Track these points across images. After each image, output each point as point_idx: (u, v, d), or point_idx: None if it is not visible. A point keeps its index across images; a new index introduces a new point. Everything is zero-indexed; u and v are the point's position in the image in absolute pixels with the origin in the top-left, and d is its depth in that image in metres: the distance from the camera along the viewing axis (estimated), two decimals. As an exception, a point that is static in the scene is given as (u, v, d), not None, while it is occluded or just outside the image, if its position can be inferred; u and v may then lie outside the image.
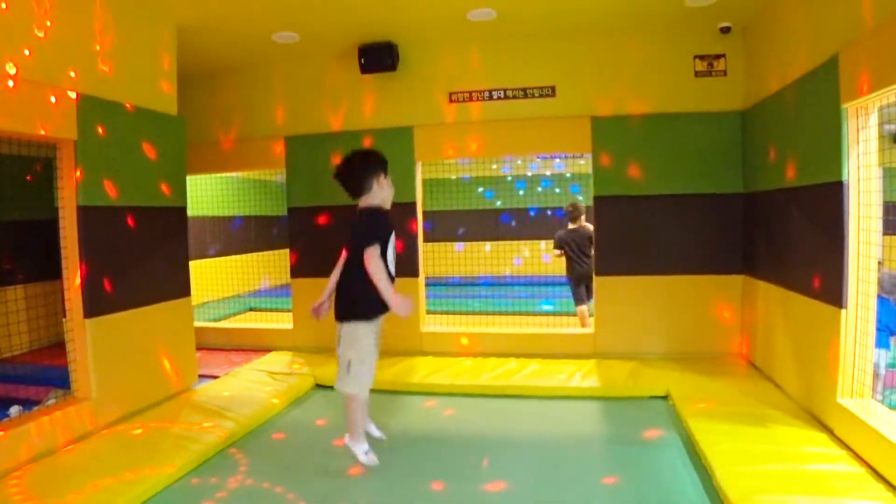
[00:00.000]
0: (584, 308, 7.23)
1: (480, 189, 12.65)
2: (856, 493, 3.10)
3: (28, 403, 4.52)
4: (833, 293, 3.89)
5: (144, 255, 4.95)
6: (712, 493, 3.36)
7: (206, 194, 9.41)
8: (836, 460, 3.48)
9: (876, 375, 4.07)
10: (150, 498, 3.49)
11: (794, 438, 3.81)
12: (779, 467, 3.38)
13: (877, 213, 3.76)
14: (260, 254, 11.12)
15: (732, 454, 3.57)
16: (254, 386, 5.35)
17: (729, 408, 4.40)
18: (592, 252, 6.55)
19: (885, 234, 3.81)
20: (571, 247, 7.24)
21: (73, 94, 4.25)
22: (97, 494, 3.36)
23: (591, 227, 6.63)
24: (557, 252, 7.37)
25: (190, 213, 5.87)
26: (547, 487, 3.58)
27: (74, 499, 3.32)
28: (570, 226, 7.35)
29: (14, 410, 4.35)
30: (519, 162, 11.89)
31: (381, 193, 3.78)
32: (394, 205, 3.95)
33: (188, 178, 5.72)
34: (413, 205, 6.45)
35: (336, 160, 4.20)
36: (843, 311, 3.79)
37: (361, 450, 3.80)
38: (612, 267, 6.10)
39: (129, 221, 4.80)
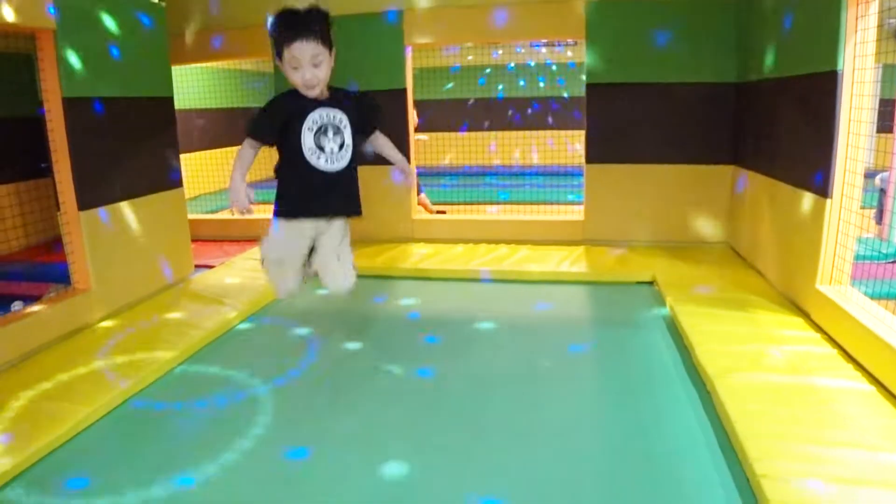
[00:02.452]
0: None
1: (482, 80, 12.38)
2: (825, 371, 3.29)
3: (28, 299, 4.61)
4: (820, 183, 3.95)
5: (134, 147, 4.92)
6: (691, 370, 3.56)
7: (194, 87, 9.23)
8: (811, 342, 3.67)
9: None
10: (152, 382, 3.65)
11: (773, 322, 3.98)
12: (755, 347, 3.56)
13: (869, 104, 3.77)
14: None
15: (712, 335, 3.75)
16: (249, 274, 5.47)
17: (712, 293, 4.57)
18: None
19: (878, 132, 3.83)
20: None
21: (49, -21, 4.09)
22: (103, 378, 3.53)
23: None
24: None
25: (178, 106, 5.78)
26: (528, 357, 3.84)
27: (82, 378, 3.50)
28: None
29: (16, 305, 4.46)
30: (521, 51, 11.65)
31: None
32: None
33: (175, 69, 5.60)
34: (403, 91, 6.37)
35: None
36: (829, 200, 3.87)
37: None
38: (603, 155, 6.12)
39: (116, 112, 4.73)
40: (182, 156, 5.67)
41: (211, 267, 5.86)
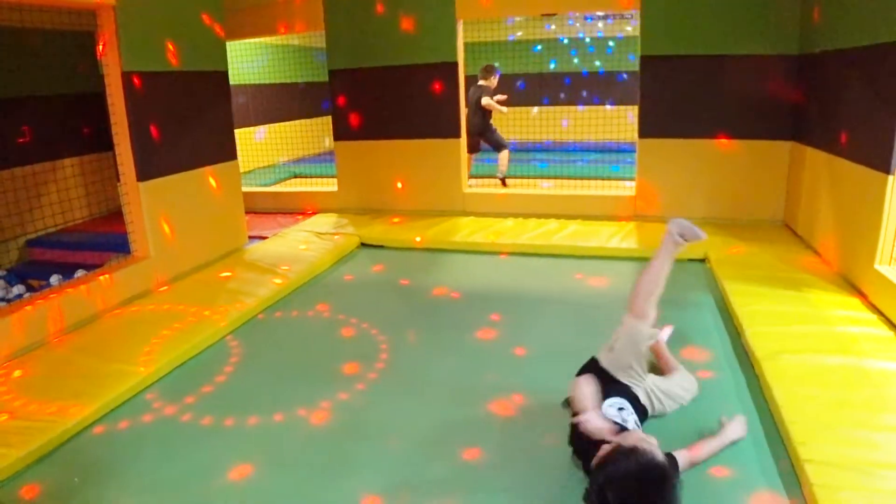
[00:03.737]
0: (469, 156, 7.62)
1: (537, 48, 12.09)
2: (881, 354, 3.19)
3: (91, 267, 4.82)
4: (882, 159, 3.80)
5: (190, 120, 5.06)
6: (740, 352, 3.50)
7: (249, 63, 9.37)
8: (866, 324, 3.55)
9: None
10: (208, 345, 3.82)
11: (827, 302, 3.87)
12: (807, 329, 3.47)
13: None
14: (305, 121, 11.11)
15: (763, 315, 3.67)
16: (302, 245, 5.59)
17: (765, 272, 4.45)
18: (483, 111, 7.60)
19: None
20: (469, 102, 7.55)
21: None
22: (182, 331, 3.71)
23: (490, 86, 7.69)
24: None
25: (233, 81, 5.89)
26: (578, 339, 3.77)
27: (157, 342, 3.69)
28: (480, 82, 7.74)
29: (79, 273, 4.67)
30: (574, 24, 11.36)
31: None
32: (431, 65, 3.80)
33: (229, 45, 5.70)
34: (454, 65, 6.35)
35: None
36: (891, 177, 3.72)
37: None
38: (657, 129, 5.98)
39: (174, 86, 4.86)
40: (238, 130, 5.79)
41: (264, 238, 6.00)
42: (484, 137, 7.80)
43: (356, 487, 2.52)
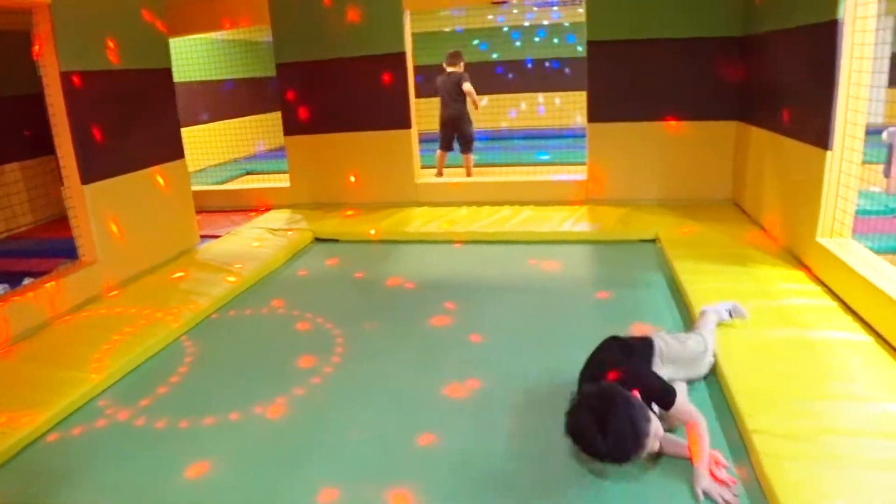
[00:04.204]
0: (443, 155, 7.61)
1: (475, 41, 12.16)
2: (825, 324, 3.29)
3: (38, 275, 4.68)
4: (820, 135, 3.91)
5: (135, 120, 4.95)
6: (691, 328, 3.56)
7: (193, 59, 9.19)
8: (811, 295, 3.67)
9: None
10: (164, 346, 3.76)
11: (773, 277, 3.98)
12: (755, 303, 3.55)
13: (871, 54, 3.70)
14: (253, 117, 10.97)
15: (712, 292, 3.74)
16: (255, 242, 5.53)
17: (714, 250, 4.55)
18: (463, 97, 7.26)
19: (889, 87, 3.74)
20: (443, 90, 7.38)
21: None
22: (135, 334, 3.65)
23: (462, 71, 7.30)
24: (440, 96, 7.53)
25: (178, 78, 5.78)
26: (534, 324, 3.84)
27: (109, 347, 3.61)
28: (448, 69, 7.42)
29: (26, 281, 4.54)
30: (514, 11, 11.39)
31: None
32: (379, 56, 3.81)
33: (173, 41, 5.59)
34: (402, 55, 6.33)
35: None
36: (829, 153, 3.83)
37: None
38: (605, 113, 6.06)
39: (116, 85, 4.75)
40: (185, 129, 5.69)
41: (217, 237, 5.92)
42: (460, 129, 7.47)
43: (314, 479, 2.52)
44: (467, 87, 7.27)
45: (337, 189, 6.77)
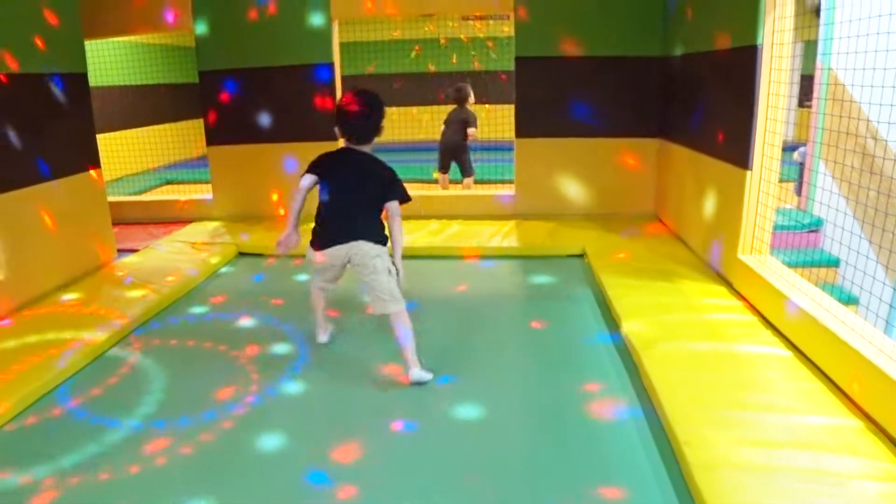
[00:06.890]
0: (444, 175, 7.87)
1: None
2: (746, 338, 3.40)
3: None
4: (740, 155, 4.05)
5: (43, 127, 4.64)
6: (619, 342, 3.63)
7: (112, 62, 8.82)
8: (733, 310, 3.78)
9: None
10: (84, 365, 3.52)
11: (697, 291, 4.09)
12: (680, 317, 3.66)
13: (787, 78, 3.87)
14: (174, 124, 10.61)
15: (638, 307, 3.83)
16: (175, 257, 5.30)
17: (639, 264, 4.66)
18: (468, 132, 7.46)
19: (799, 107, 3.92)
20: (450, 121, 7.66)
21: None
22: (32, 368, 3.37)
23: (471, 112, 7.57)
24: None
25: (94, 82, 5.49)
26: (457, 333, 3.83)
27: (4, 379, 3.27)
28: (462, 106, 7.65)
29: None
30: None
31: None
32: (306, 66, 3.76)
33: (89, 44, 5.31)
34: (331, 66, 6.23)
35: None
36: (749, 172, 3.97)
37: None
38: (532, 129, 6.14)
39: (20, 90, 4.44)
40: (101, 136, 5.39)
41: (135, 251, 5.65)
42: (460, 158, 7.69)
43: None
44: (472, 130, 7.52)
45: (262, 201, 6.58)
